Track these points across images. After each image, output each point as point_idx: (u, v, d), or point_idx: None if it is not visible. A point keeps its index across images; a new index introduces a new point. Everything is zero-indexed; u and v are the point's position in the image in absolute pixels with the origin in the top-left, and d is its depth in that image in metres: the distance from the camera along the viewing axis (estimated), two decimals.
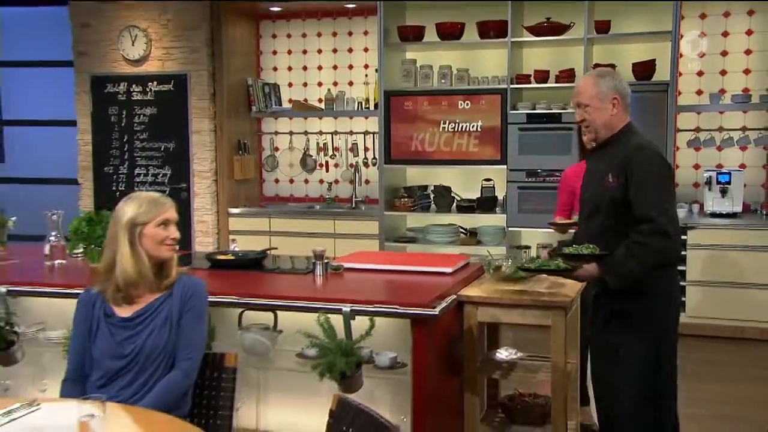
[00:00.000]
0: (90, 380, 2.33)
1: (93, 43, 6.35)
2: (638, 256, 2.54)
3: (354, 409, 1.94)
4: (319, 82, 6.59)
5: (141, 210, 2.39)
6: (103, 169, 6.46)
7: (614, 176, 2.63)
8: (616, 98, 2.68)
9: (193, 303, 2.39)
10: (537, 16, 5.76)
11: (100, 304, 2.37)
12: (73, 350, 2.39)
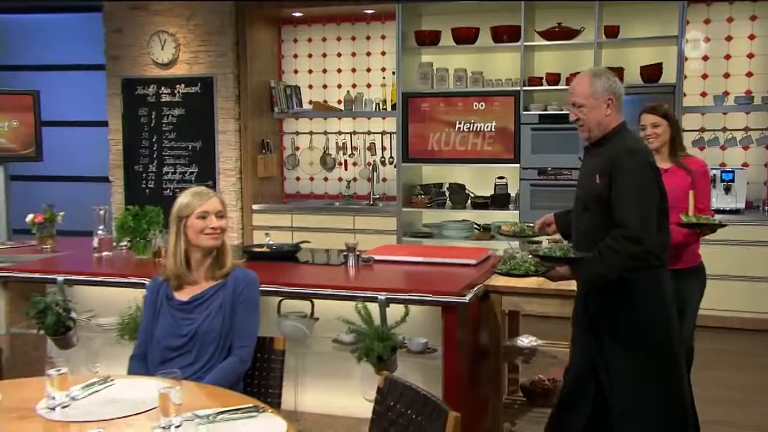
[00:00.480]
0: (152, 360, 2.45)
1: (124, 48, 6.44)
2: (608, 260, 2.50)
3: (401, 386, 2.05)
4: (338, 84, 6.67)
5: (184, 202, 2.51)
6: (133, 168, 6.55)
7: (601, 176, 2.59)
8: (611, 98, 2.64)
9: (246, 294, 2.49)
10: (548, 21, 5.83)
11: (164, 290, 2.51)
12: (141, 331, 2.53)
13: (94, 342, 3.51)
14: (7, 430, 1.88)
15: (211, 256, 2.52)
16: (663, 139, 3.31)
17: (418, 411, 1.94)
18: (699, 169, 3.32)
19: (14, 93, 5.93)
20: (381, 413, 2.07)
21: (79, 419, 1.90)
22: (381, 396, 2.09)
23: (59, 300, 3.19)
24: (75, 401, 2.01)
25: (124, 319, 3.15)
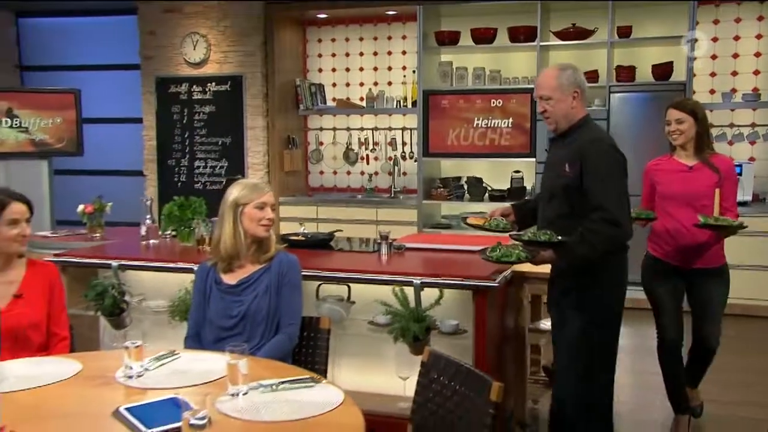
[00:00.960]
0: (206, 339, 2.57)
1: (158, 48, 6.56)
2: (590, 242, 2.54)
3: (444, 360, 2.16)
4: (360, 82, 6.77)
5: (243, 193, 2.60)
6: (166, 162, 6.67)
7: (571, 165, 2.61)
8: (576, 91, 2.66)
9: (290, 276, 2.59)
10: (563, 21, 5.91)
11: (212, 274, 2.61)
12: (192, 312, 2.64)
13: (143, 324, 3.63)
14: (92, 394, 2.01)
15: (257, 243, 2.61)
16: (687, 136, 3.18)
17: (461, 382, 2.06)
18: (726, 168, 3.18)
19: (57, 92, 6.07)
20: (425, 385, 2.19)
21: (155, 387, 2.03)
22: (425, 369, 2.20)
23: (115, 284, 3.33)
24: (148, 371, 2.14)
25: (174, 301, 3.27)
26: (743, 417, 3.69)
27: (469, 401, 2.00)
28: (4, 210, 2.43)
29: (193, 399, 1.85)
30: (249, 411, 1.86)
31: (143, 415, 1.80)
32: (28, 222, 2.49)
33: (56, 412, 1.82)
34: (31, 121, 5.98)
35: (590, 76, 5.80)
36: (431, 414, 2.13)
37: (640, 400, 3.96)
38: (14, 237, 2.45)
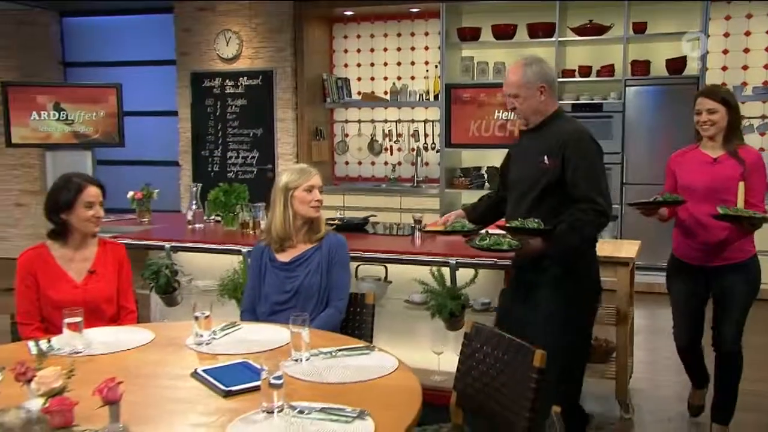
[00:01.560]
0: (261, 312, 2.68)
1: (193, 45, 6.67)
2: (579, 231, 2.48)
3: (487, 331, 2.25)
4: (384, 77, 6.83)
5: (292, 177, 2.69)
6: (200, 153, 6.79)
7: (551, 157, 2.51)
8: (543, 86, 2.55)
9: (339, 255, 2.69)
10: (581, 18, 5.94)
11: (267, 253, 2.71)
12: (248, 288, 2.75)
13: (191, 301, 3.75)
14: (169, 358, 2.12)
15: (308, 224, 2.71)
16: (719, 127, 2.85)
17: (504, 351, 2.15)
18: (753, 160, 2.85)
19: (100, 86, 6.20)
20: (468, 354, 2.28)
21: (224, 353, 2.14)
22: (467, 340, 2.29)
23: (168, 264, 3.45)
24: (215, 339, 2.25)
25: (224, 281, 3.38)
26: None
27: (512, 368, 2.09)
28: (81, 193, 2.54)
29: (259, 363, 1.96)
30: (313, 374, 1.97)
31: (220, 376, 1.92)
32: (101, 205, 2.60)
33: (141, 372, 1.94)
34: (77, 114, 6.11)
35: (606, 71, 5.86)
36: (474, 381, 2.22)
37: (655, 377, 4.05)
38: (89, 218, 2.56)
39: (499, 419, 2.12)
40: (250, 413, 1.69)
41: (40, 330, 2.47)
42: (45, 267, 2.54)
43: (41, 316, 2.52)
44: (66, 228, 2.58)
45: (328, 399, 1.76)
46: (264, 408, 1.69)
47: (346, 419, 1.66)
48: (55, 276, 2.54)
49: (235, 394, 1.82)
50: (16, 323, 2.53)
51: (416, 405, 1.78)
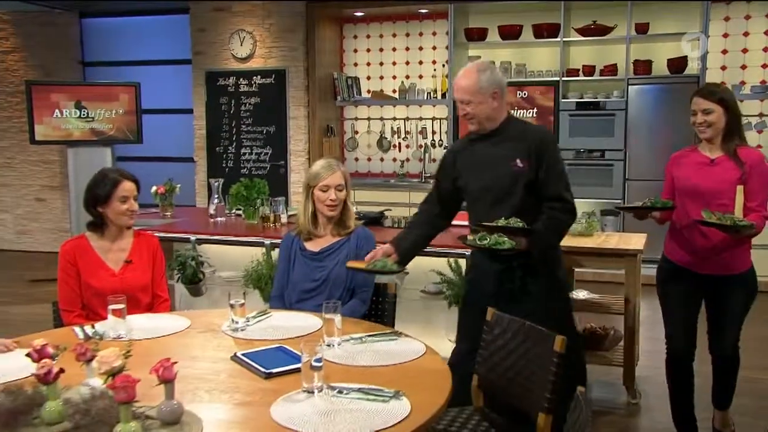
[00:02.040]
0: (289, 299, 2.72)
1: (208, 45, 6.70)
2: (557, 229, 2.51)
3: (507, 319, 2.30)
4: (393, 76, 6.86)
5: (310, 175, 2.74)
6: (214, 149, 6.83)
7: (523, 160, 2.47)
8: (496, 91, 2.49)
9: (366, 248, 2.70)
10: (584, 19, 5.98)
11: (296, 242, 2.76)
12: (278, 275, 2.79)
13: (214, 292, 3.82)
14: (207, 343, 2.18)
15: (335, 217, 2.75)
16: (717, 129, 2.60)
17: (524, 337, 2.20)
18: (753, 162, 2.59)
19: (119, 85, 6.23)
20: (489, 341, 2.34)
21: (259, 338, 2.20)
22: (489, 327, 2.35)
23: (194, 255, 3.51)
24: (249, 326, 2.31)
25: (248, 271, 3.44)
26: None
27: (533, 353, 2.14)
28: (116, 188, 2.60)
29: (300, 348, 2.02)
30: (346, 358, 2.03)
31: (259, 360, 1.98)
32: (135, 199, 2.65)
33: (183, 355, 1.99)
34: (97, 112, 6.15)
35: (609, 70, 5.90)
36: (495, 366, 2.28)
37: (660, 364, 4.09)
38: (124, 211, 2.62)
39: (519, 402, 2.18)
40: (291, 393, 1.75)
41: (81, 316, 2.53)
42: (85, 257, 2.60)
43: (82, 303, 2.58)
44: (103, 220, 2.64)
45: (361, 381, 1.82)
46: (305, 388, 1.75)
47: (383, 399, 1.72)
48: (94, 265, 2.60)
49: (275, 375, 1.88)
50: (59, 310, 2.58)
51: (447, 386, 1.84)
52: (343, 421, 1.61)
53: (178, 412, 1.57)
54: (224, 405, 1.73)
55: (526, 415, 2.29)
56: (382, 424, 1.59)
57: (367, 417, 1.62)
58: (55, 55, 7.15)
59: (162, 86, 7.03)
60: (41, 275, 5.93)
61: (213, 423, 1.60)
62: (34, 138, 6.03)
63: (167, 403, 1.57)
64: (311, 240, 2.75)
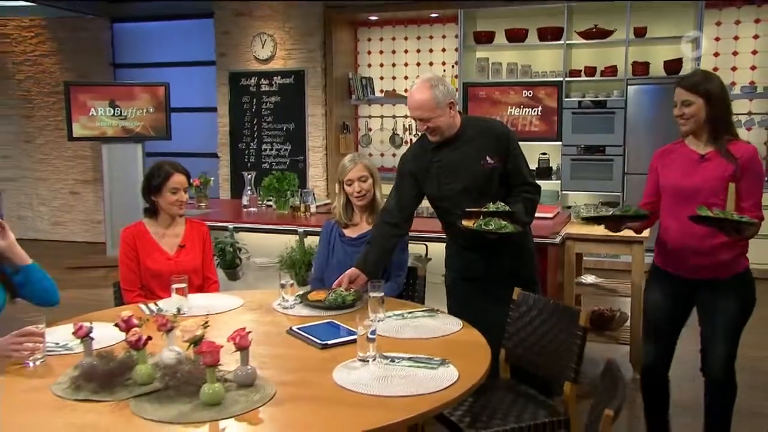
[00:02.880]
0: (329, 281, 2.76)
1: (231, 47, 6.74)
2: (532, 210, 2.56)
3: (532, 297, 2.40)
4: (405, 76, 6.91)
5: (339, 170, 2.83)
6: (237, 145, 6.87)
7: (493, 156, 2.49)
8: (451, 101, 2.44)
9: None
10: (586, 23, 6.04)
11: (335, 229, 2.85)
12: (317, 259, 2.87)
13: (249, 277, 3.91)
14: (262, 319, 2.28)
15: (369, 206, 2.83)
16: (697, 122, 2.30)
17: (549, 314, 2.30)
18: (747, 159, 2.27)
19: (150, 85, 6.31)
20: (516, 318, 2.42)
21: (309, 315, 2.29)
22: (515, 305, 2.43)
23: (233, 242, 3.59)
24: (297, 304, 2.40)
25: (283, 257, 3.52)
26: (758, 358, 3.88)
27: (558, 328, 2.23)
28: (168, 179, 2.68)
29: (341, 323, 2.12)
30: (390, 331, 2.12)
31: (313, 333, 2.07)
32: (185, 191, 2.73)
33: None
34: (129, 111, 6.23)
35: (610, 71, 5.97)
36: (522, 341, 2.38)
37: None
38: (174, 202, 2.70)
39: (546, 372, 2.28)
40: (348, 361, 1.84)
41: (141, 296, 2.62)
42: (143, 241, 2.68)
43: (141, 283, 2.67)
44: (156, 208, 2.73)
45: (407, 352, 1.91)
46: (361, 357, 1.84)
47: (432, 366, 1.81)
48: (151, 249, 2.69)
49: (329, 347, 1.97)
50: (120, 290, 2.67)
51: (487, 356, 1.93)
52: (399, 384, 1.70)
53: (253, 375, 1.67)
54: (288, 371, 1.82)
55: (549, 384, 2.39)
56: (434, 387, 1.69)
57: (419, 382, 1.72)
58: (88, 58, 7.21)
59: (188, 86, 7.08)
60: (76, 263, 6.03)
61: (282, 385, 1.69)
62: (72, 135, 6.11)
63: (243, 368, 1.67)
64: (349, 227, 2.84)
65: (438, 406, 1.61)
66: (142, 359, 1.67)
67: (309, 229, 3.63)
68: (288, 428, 1.50)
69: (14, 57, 7.34)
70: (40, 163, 7.29)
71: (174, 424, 1.48)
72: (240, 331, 1.66)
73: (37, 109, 7.36)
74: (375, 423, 1.50)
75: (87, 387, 1.63)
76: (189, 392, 1.58)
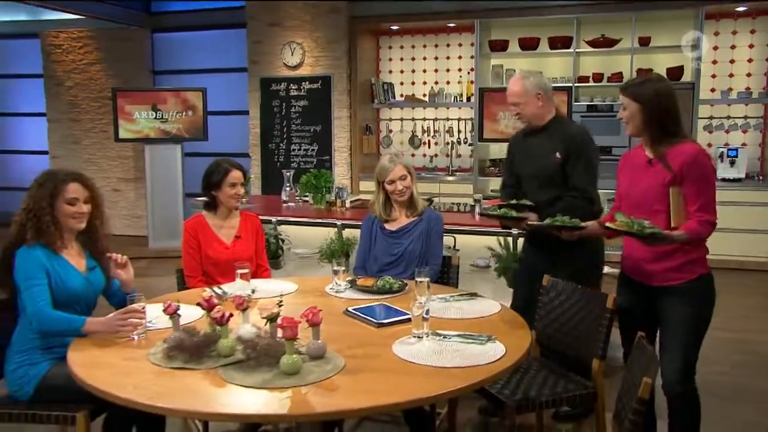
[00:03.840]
0: (371, 270, 2.87)
1: (262, 55, 6.82)
2: (569, 212, 2.45)
3: (561, 283, 2.47)
4: (424, 81, 6.97)
5: (378, 171, 2.88)
6: (267, 146, 6.93)
7: (561, 153, 2.60)
8: (539, 94, 2.62)
9: (436, 228, 2.84)
10: (594, 32, 6.08)
11: (376, 222, 2.91)
12: (360, 249, 2.93)
13: (288, 266, 4.00)
14: (318, 301, 2.34)
15: (407, 201, 2.89)
16: (635, 125, 2.16)
17: (578, 298, 2.37)
18: (685, 162, 2.08)
19: (189, 90, 6.40)
20: (546, 302, 2.49)
21: (360, 298, 2.37)
22: (545, 291, 2.50)
23: (276, 234, 3.68)
24: (348, 288, 2.48)
25: (322, 248, 3.60)
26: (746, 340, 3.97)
27: (587, 311, 2.30)
28: (227, 175, 2.77)
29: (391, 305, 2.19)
30: (436, 312, 2.19)
31: (368, 313, 2.15)
32: (242, 185, 2.82)
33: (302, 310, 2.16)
34: (170, 114, 6.33)
35: (616, 77, 6.00)
36: (552, 322, 2.45)
37: None
38: (232, 195, 2.78)
39: (576, 351, 2.35)
40: (404, 338, 1.92)
41: (202, 281, 2.71)
42: (204, 232, 2.77)
43: (202, 270, 2.75)
44: (215, 202, 2.81)
45: (454, 330, 1.98)
46: (415, 334, 1.92)
47: (480, 341, 1.89)
48: (210, 239, 2.77)
49: (385, 325, 2.05)
50: (183, 276, 2.76)
51: (528, 334, 2.01)
52: (453, 358, 1.78)
53: (324, 348, 1.75)
54: (351, 346, 1.90)
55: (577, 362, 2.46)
56: (485, 360, 1.76)
57: (471, 355, 1.80)
58: (130, 66, 7.31)
59: (221, 91, 7.17)
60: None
61: (349, 358, 1.77)
62: (118, 136, 6.22)
63: (314, 342, 1.75)
64: (389, 222, 2.89)
65: (490, 376, 1.69)
66: (224, 334, 1.75)
67: (345, 222, 3.71)
68: (361, 393, 1.58)
69: (64, 66, 7.46)
70: (86, 163, 7.40)
71: (261, 389, 1.57)
72: (312, 309, 1.74)
73: (83, 113, 7.48)
74: (436, 390, 1.58)
75: (179, 357, 1.72)
76: (268, 363, 1.66)
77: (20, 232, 2.10)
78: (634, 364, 1.80)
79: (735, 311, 4.48)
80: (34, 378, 2.03)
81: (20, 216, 2.12)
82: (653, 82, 2.17)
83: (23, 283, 2.02)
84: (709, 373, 3.18)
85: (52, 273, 2.07)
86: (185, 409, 1.52)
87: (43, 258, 2.07)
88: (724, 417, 2.90)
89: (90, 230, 2.21)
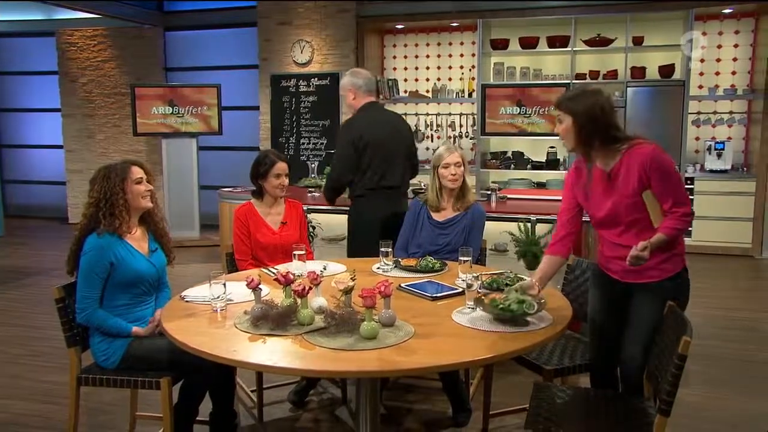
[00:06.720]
0: (414, 255, 2.91)
1: (273, 52, 6.90)
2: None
3: (586, 263, 2.65)
4: (427, 78, 7.09)
5: (435, 157, 2.94)
6: (277, 140, 7.02)
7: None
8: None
9: (479, 222, 2.91)
10: (590, 32, 6.25)
11: (423, 210, 2.96)
12: (403, 233, 2.98)
13: (320, 250, 4.12)
14: (369, 280, 2.45)
15: (456, 192, 2.91)
16: (570, 141, 2.04)
17: None
18: (642, 163, 1.97)
19: (204, 86, 6.47)
20: (570, 280, 2.68)
21: (406, 276, 2.52)
22: (570, 269, 2.68)
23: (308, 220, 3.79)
24: (394, 268, 2.63)
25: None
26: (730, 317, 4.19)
27: None
28: (273, 166, 2.89)
29: (439, 281, 2.34)
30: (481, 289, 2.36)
31: (420, 288, 2.30)
32: (287, 176, 2.94)
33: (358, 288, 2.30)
34: (185, 109, 6.39)
35: (611, 75, 6.19)
36: (576, 297, 2.62)
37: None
38: (277, 185, 2.91)
39: None
40: (459, 308, 2.08)
41: (252, 264, 2.83)
42: (253, 218, 2.90)
43: (252, 254, 2.88)
44: (262, 190, 2.94)
45: None
46: (470, 306, 2.08)
47: (530, 312, 2.05)
48: (259, 225, 2.90)
49: (438, 299, 2.21)
50: (234, 260, 2.88)
51: (568, 306, 2.17)
52: (507, 325, 1.94)
53: (394, 317, 1.91)
54: (414, 316, 2.03)
55: None
56: (536, 327, 1.93)
57: (522, 322, 1.96)
58: (144, 63, 7.35)
59: (233, 87, 7.23)
60: None
61: (416, 325, 1.92)
62: (136, 131, 6.27)
63: (386, 311, 1.90)
64: (437, 212, 2.94)
65: (542, 339, 1.86)
66: (304, 305, 1.90)
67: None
68: (435, 353, 1.74)
69: (79, 63, 7.47)
70: (101, 157, 7.43)
71: (347, 350, 1.72)
72: (384, 282, 1.89)
73: (97, 109, 7.50)
74: (497, 351, 1.75)
75: (265, 325, 1.87)
76: (346, 330, 1.81)
77: (90, 221, 2.21)
78: (669, 329, 1.95)
79: (727, 292, 4.72)
80: (120, 349, 2.17)
81: (90, 208, 2.23)
82: (587, 95, 2.04)
83: (84, 267, 2.16)
84: (706, 346, 3.40)
85: (119, 258, 2.20)
86: (294, 368, 1.67)
87: (111, 246, 2.19)
88: (711, 377, 3.10)
89: (150, 212, 2.34)
